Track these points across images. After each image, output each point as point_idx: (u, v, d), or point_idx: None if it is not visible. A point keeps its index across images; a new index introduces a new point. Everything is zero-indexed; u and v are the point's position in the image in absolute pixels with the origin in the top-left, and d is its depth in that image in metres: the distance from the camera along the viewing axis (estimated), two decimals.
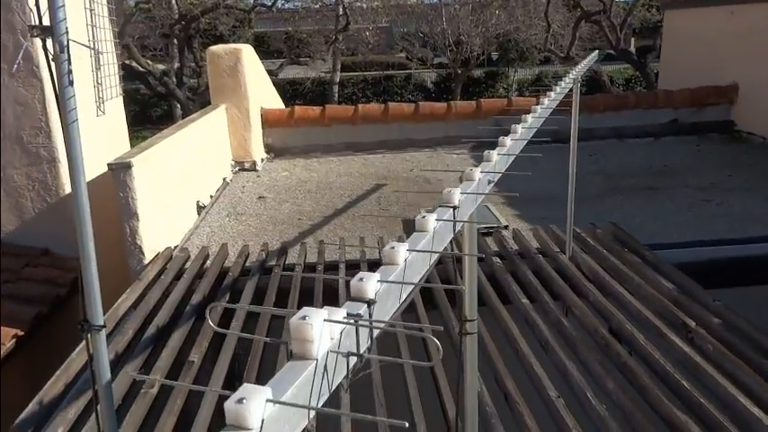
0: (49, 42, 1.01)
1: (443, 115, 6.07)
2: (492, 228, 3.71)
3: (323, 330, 0.51)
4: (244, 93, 5.35)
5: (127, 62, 10.70)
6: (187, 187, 4.19)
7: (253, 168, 5.59)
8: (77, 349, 2.37)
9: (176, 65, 14.03)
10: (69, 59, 1.01)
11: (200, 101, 11.18)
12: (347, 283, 2.12)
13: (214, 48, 5.34)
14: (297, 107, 6.14)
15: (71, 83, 1.03)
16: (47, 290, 3.70)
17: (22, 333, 3.24)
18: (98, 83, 1.56)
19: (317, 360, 0.50)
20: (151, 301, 2.80)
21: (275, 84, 7.04)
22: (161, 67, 17.40)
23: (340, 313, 0.54)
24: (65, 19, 0.99)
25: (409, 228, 4.16)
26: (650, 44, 15.74)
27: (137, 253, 3.23)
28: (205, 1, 11.50)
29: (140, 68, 10.72)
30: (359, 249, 3.38)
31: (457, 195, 0.94)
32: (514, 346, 2.34)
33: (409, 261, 0.72)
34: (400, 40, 21.21)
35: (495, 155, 1.23)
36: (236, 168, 5.55)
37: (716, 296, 2.61)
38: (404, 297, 0.70)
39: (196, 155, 4.45)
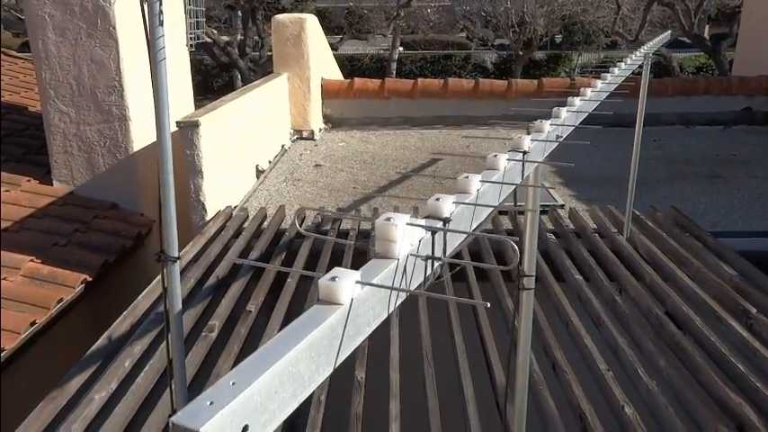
0: None
1: (503, 93, 6.00)
2: (548, 206, 3.67)
3: (405, 233, 0.54)
4: (306, 62, 5.42)
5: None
6: (247, 151, 4.31)
7: (311, 137, 5.68)
8: (145, 291, 2.51)
9: (239, 36, 14.27)
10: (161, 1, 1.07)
11: (261, 71, 11.36)
12: None
13: (280, 16, 5.42)
14: (357, 79, 6.17)
15: (161, 23, 1.09)
16: (114, 240, 3.90)
17: (90, 279, 3.45)
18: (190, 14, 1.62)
19: (398, 260, 0.53)
20: (212, 255, 2.92)
21: (335, 58, 7.09)
22: (225, 38, 17.75)
23: (419, 222, 0.58)
24: None
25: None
26: (726, 31, 14.98)
27: (199, 209, 3.36)
28: None
29: (205, 38, 10.94)
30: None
31: (527, 141, 0.96)
32: (565, 320, 2.33)
33: (481, 192, 0.74)
34: (462, 18, 20.87)
35: (564, 111, 1.23)
36: (295, 136, 5.65)
37: None
38: (474, 225, 0.72)
39: (257, 120, 4.55)
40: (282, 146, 5.28)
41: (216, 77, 20.65)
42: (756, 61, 6.68)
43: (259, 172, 4.49)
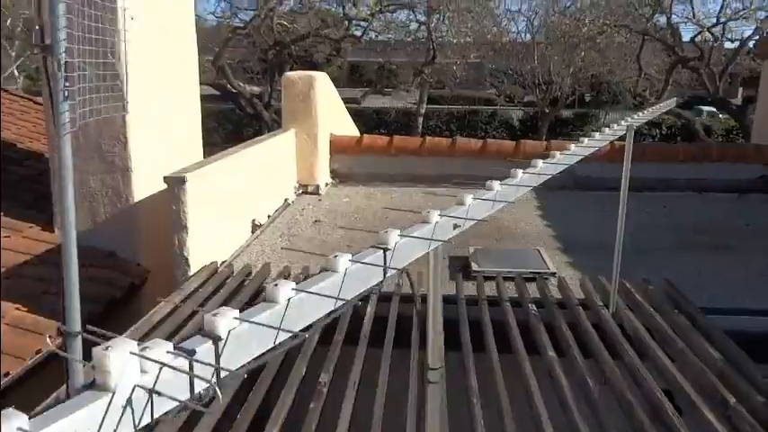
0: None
1: (511, 154, 5.97)
2: (537, 273, 3.58)
3: (126, 364, 0.50)
4: (314, 119, 5.51)
5: (222, 83, 11.35)
6: (244, 205, 4.34)
7: (316, 192, 5.71)
8: None
9: (269, 88, 14.71)
10: (65, 76, 1.09)
11: None
12: (375, 313, 2.08)
13: (290, 74, 5.56)
14: (365, 135, 6.25)
15: (66, 98, 1.11)
16: (105, 290, 3.92)
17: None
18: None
19: (113, 393, 0.49)
20: (185, 312, 2.90)
21: (359, 112, 7.23)
22: (257, 89, 18.33)
23: (164, 346, 0.54)
24: (64, 39, 1.08)
25: (455, 265, 4.09)
26: (755, 94, 14.83)
27: (182, 264, 3.37)
28: (298, 29, 12.02)
29: (232, 89, 11.32)
30: (394, 283, 3.35)
31: (394, 237, 0.92)
32: (530, 403, 2.22)
33: (297, 300, 0.70)
34: (489, 76, 21.19)
35: (469, 199, 1.18)
36: (300, 191, 5.69)
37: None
38: (280, 340, 0.68)
39: (257, 174, 4.61)
40: (286, 200, 5.32)
41: (247, 127, 21.26)
42: None
43: (255, 226, 4.51)
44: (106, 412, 0.49)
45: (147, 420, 0.52)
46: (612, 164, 4.07)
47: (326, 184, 5.93)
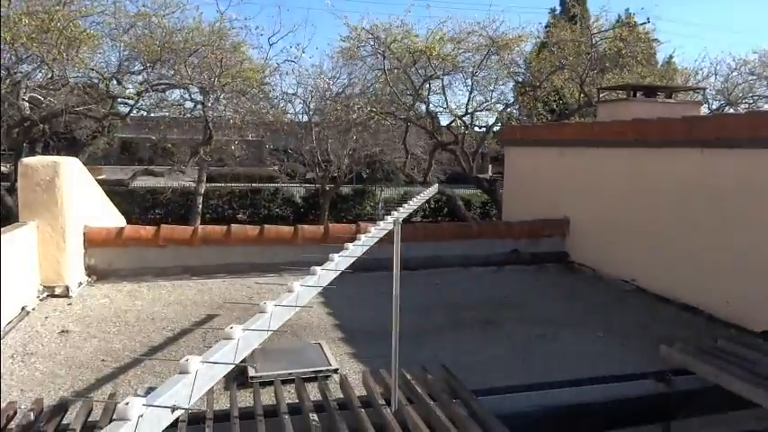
0: None
1: (290, 239, 5.84)
2: (318, 371, 3.37)
3: None
4: (59, 209, 4.78)
5: None
6: None
7: (65, 294, 4.89)
8: None
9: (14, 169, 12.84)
10: None
11: None
12: None
13: (28, 159, 4.79)
14: (128, 226, 5.62)
15: None
16: None
17: None
18: None
19: None
20: None
21: (129, 193, 6.48)
22: (4, 169, 15.92)
23: None
24: None
25: (236, 369, 3.72)
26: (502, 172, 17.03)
27: None
28: (52, 104, 10.80)
29: None
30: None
31: (194, 365, 0.63)
32: None
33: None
34: (269, 155, 21.36)
35: (297, 286, 0.93)
36: (45, 294, 4.82)
37: None
38: None
39: None
40: (23, 308, 4.44)
41: None
42: (519, 206, 7.45)
43: None
44: None
45: None
46: (389, 244, 4.13)
47: (80, 284, 5.13)
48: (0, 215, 9.60)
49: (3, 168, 16.33)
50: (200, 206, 18.22)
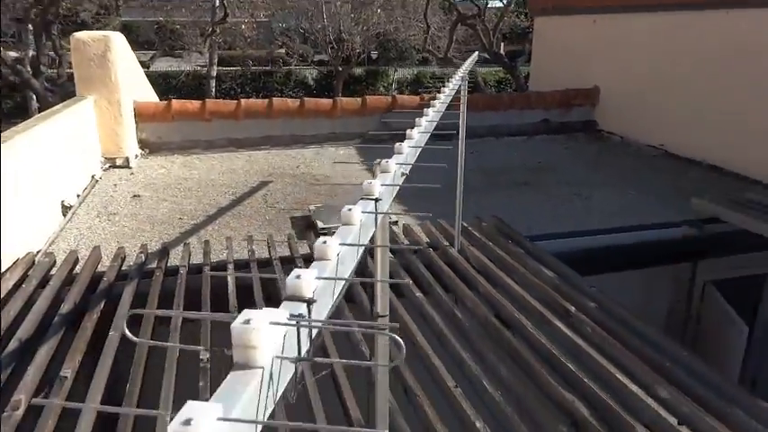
0: None
1: (329, 111, 6.04)
2: None
3: (270, 335, 0.45)
4: (114, 84, 4.96)
5: None
6: (49, 186, 3.81)
7: (126, 165, 5.20)
8: None
9: (32, 53, 12.77)
10: None
11: (62, 92, 10.25)
12: (236, 284, 2.01)
13: (79, 34, 4.90)
14: (174, 101, 5.80)
15: None
16: None
17: None
18: None
19: (263, 368, 0.44)
20: (11, 313, 2.50)
21: (146, 76, 6.61)
22: (13, 54, 15.73)
23: (281, 314, 0.49)
24: None
25: (299, 225, 4.09)
26: (519, 49, 16.72)
27: None
28: None
29: None
30: (247, 249, 3.25)
31: (377, 187, 0.91)
32: (411, 340, 2.36)
33: (341, 255, 0.68)
34: (280, 35, 20.84)
35: (405, 147, 1.21)
36: (107, 165, 5.14)
37: (591, 282, 2.81)
38: (336, 294, 0.66)
39: (59, 151, 4.05)
40: (93, 176, 4.76)
41: (5, 99, 18.28)
42: (548, 77, 7.52)
43: (66, 208, 3.99)
44: (260, 389, 0.44)
45: (281, 389, 0.48)
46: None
47: (136, 156, 5.43)
48: (27, 97, 9.71)
49: (12, 53, 16.13)
50: (214, 90, 18.15)
